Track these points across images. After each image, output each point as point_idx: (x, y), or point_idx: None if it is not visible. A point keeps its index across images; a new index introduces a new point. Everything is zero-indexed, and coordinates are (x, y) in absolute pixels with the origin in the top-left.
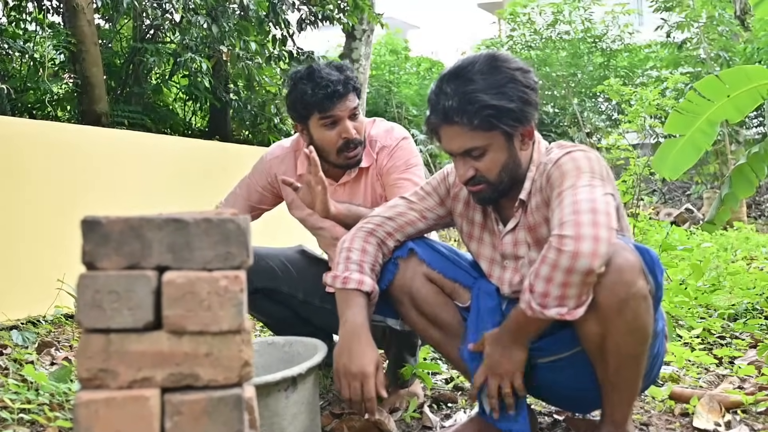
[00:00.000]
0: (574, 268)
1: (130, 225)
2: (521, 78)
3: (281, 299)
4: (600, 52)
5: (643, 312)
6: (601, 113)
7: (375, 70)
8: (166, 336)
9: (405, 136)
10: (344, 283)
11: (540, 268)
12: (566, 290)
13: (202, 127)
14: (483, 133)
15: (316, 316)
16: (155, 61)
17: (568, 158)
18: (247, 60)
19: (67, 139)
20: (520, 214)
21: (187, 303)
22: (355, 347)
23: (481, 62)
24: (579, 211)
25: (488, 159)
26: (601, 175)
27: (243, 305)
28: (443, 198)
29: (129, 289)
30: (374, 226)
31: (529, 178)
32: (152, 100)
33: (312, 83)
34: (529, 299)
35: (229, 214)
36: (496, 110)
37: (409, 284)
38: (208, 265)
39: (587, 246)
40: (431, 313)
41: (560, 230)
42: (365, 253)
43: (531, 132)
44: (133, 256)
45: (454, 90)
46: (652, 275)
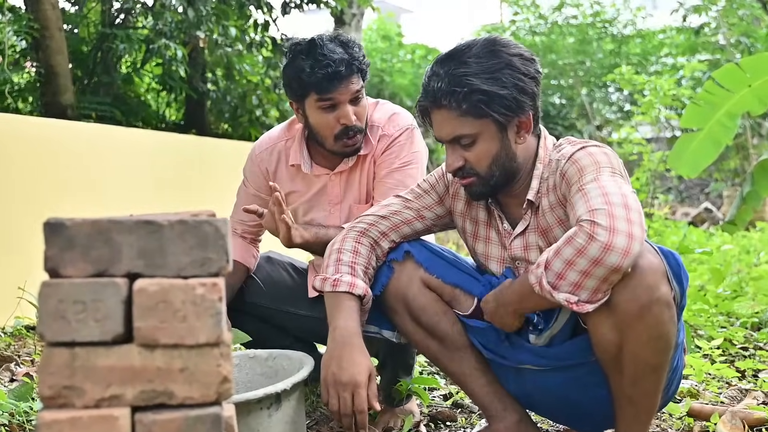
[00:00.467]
0: (603, 261)
1: (97, 228)
2: (519, 65)
3: (248, 310)
4: (610, 38)
5: (667, 319)
6: (612, 104)
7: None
8: (137, 350)
9: (409, 125)
10: (334, 285)
11: (563, 249)
12: (585, 280)
13: (177, 119)
14: (473, 119)
15: (291, 323)
16: (126, 48)
17: (583, 153)
18: (227, 47)
19: (29, 133)
20: (530, 216)
21: (160, 313)
22: (346, 355)
23: (478, 46)
24: (611, 203)
25: (478, 149)
26: (620, 172)
27: (222, 315)
28: (442, 196)
29: (96, 299)
30: (367, 226)
31: (536, 176)
32: (122, 91)
33: (311, 60)
34: (541, 275)
35: (206, 216)
36: (487, 96)
37: (405, 290)
38: (183, 272)
39: (621, 241)
40: (429, 322)
41: (592, 216)
42: (357, 255)
43: (528, 124)
44: (101, 262)
45: (446, 72)
46: (677, 281)
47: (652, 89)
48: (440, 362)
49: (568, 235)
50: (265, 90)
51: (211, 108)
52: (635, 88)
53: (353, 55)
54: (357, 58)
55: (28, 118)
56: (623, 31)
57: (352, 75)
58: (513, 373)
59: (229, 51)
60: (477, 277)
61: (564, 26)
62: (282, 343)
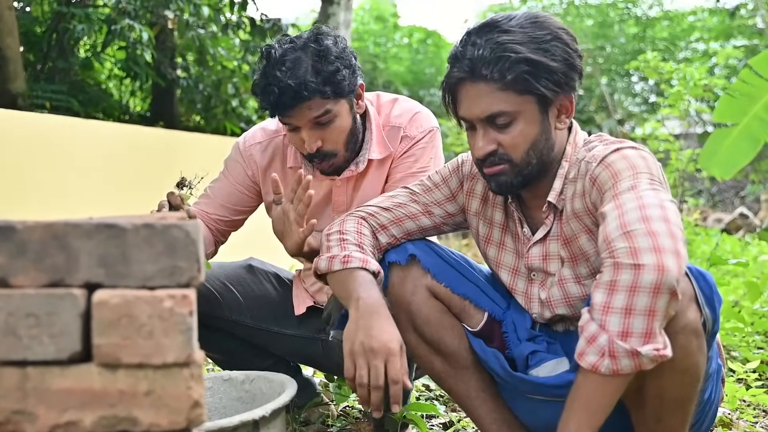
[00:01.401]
0: (662, 286)
1: (52, 232)
2: (567, 39)
3: (224, 327)
4: (634, 21)
5: (695, 349)
6: (636, 95)
7: (357, 41)
8: (97, 370)
9: (432, 127)
10: (345, 262)
11: (612, 299)
12: (652, 321)
13: (143, 110)
14: (515, 95)
15: (275, 344)
16: (84, 29)
17: (618, 156)
18: (199, 28)
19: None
20: (553, 221)
21: (123, 329)
22: (376, 323)
23: (520, 17)
24: (649, 218)
25: (516, 130)
26: (660, 179)
27: (193, 332)
28: (455, 192)
29: (51, 312)
30: (366, 215)
31: (560, 175)
32: (80, 78)
33: (263, 80)
34: (606, 344)
35: (174, 219)
36: (536, 67)
37: (409, 299)
38: (149, 282)
39: (671, 260)
40: (434, 336)
41: (628, 241)
42: (362, 236)
43: (570, 108)
44: (57, 270)
45: (487, 40)
46: (708, 305)
47: (680, 78)
48: (444, 382)
49: (604, 280)
50: (242, 77)
51: (181, 98)
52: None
53: (307, 79)
54: (318, 78)
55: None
56: (648, 12)
57: (307, 100)
58: (522, 400)
59: (202, 33)
60: (487, 290)
61: (581, 7)
62: (262, 365)
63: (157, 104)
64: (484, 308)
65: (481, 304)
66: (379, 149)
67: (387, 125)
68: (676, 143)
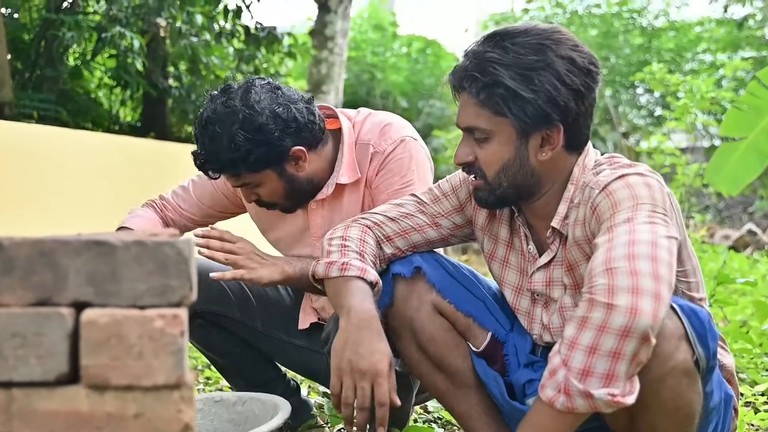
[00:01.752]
0: (631, 330)
1: (39, 249)
2: (562, 70)
3: (233, 328)
4: (639, 31)
5: (685, 389)
6: (641, 108)
7: (355, 50)
8: (85, 392)
9: (404, 136)
10: (343, 269)
11: (580, 336)
12: (616, 364)
13: (133, 121)
14: (491, 114)
15: (280, 353)
16: (74, 36)
17: (621, 184)
18: (192, 37)
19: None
20: (558, 246)
21: (111, 349)
22: (365, 339)
23: (532, 34)
24: (636, 255)
25: (490, 149)
26: (664, 208)
27: (184, 353)
28: (463, 202)
29: (38, 332)
30: (371, 224)
31: (565, 199)
32: (69, 87)
33: (194, 136)
34: (563, 381)
35: (166, 236)
36: (509, 93)
37: (413, 315)
38: (139, 302)
39: (648, 303)
40: (438, 354)
41: (608, 278)
42: (365, 244)
43: (555, 140)
44: (44, 289)
45: (478, 53)
46: (701, 344)
47: (687, 91)
48: (446, 401)
49: (577, 314)
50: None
51: (172, 108)
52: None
53: (219, 156)
54: (220, 160)
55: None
56: (654, 22)
57: (219, 175)
58: None
59: (195, 41)
60: (493, 309)
61: (585, 17)
62: (261, 377)
63: (148, 114)
64: (487, 328)
65: (485, 323)
66: (348, 173)
67: (358, 142)
68: (683, 157)
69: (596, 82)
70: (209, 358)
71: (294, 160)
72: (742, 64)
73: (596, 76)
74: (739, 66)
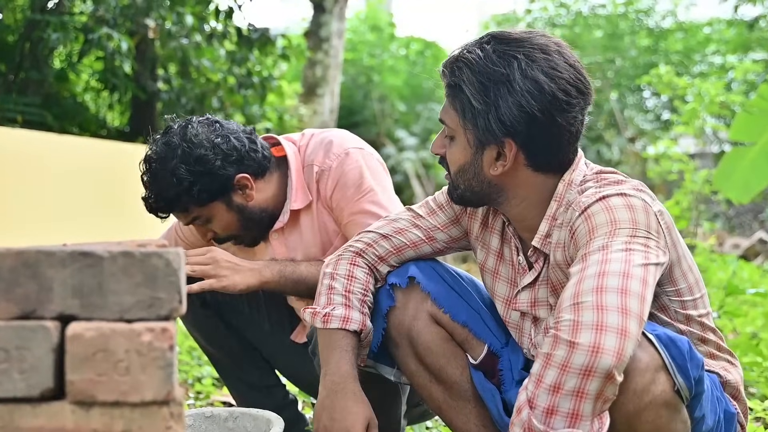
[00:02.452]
0: (593, 369)
1: (23, 260)
2: (521, 89)
3: (240, 324)
4: (646, 32)
5: (666, 422)
6: (648, 112)
7: (351, 52)
8: (71, 408)
9: (347, 149)
10: (325, 321)
11: (544, 374)
12: (580, 404)
13: (121, 125)
14: (455, 114)
15: (282, 357)
16: (60, 38)
17: (601, 206)
18: (182, 38)
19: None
20: (542, 266)
21: (98, 364)
22: (339, 404)
23: (517, 44)
24: (604, 288)
25: (453, 148)
26: (648, 231)
27: (173, 368)
28: (458, 214)
29: (22, 346)
30: (364, 246)
31: (547, 217)
32: (55, 90)
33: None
34: (527, 420)
35: (154, 246)
36: (466, 100)
37: (410, 324)
38: (126, 315)
39: (611, 341)
40: (435, 365)
41: (574, 314)
42: (352, 280)
43: (506, 158)
44: (28, 301)
45: (463, 49)
46: (682, 374)
47: (695, 94)
48: (443, 413)
49: (543, 351)
50: (227, 90)
51: (162, 111)
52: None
53: (163, 194)
54: (165, 198)
55: None
56: (661, 23)
57: (168, 213)
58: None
59: (185, 43)
60: (488, 321)
61: (590, 17)
62: (263, 381)
63: (136, 118)
64: (483, 340)
65: (481, 335)
66: (299, 197)
67: (305, 165)
68: (691, 163)
69: (565, 111)
70: (210, 353)
71: (240, 188)
72: (752, 67)
73: (566, 104)
74: (750, 68)
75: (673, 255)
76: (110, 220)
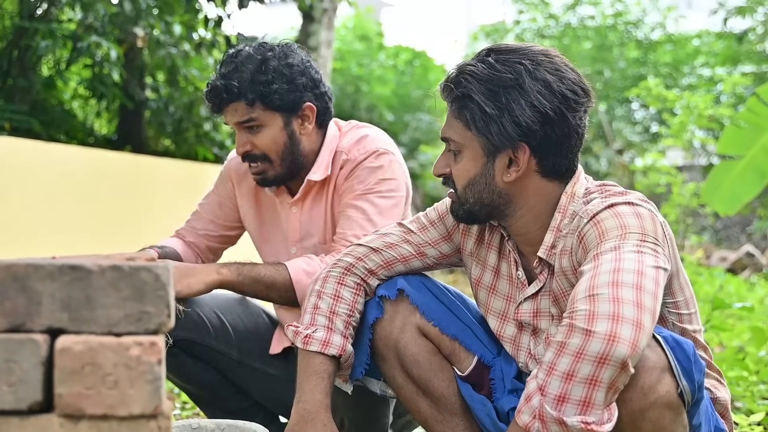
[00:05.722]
0: (609, 357)
1: (12, 273)
2: (533, 90)
3: (208, 357)
4: (635, 44)
5: (668, 423)
6: (636, 124)
7: (340, 61)
8: (59, 421)
9: (378, 150)
10: (305, 343)
11: (557, 362)
12: (593, 392)
13: (109, 133)
14: (461, 127)
15: (255, 384)
16: (48, 45)
17: (609, 213)
18: (170, 47)
19: None
20: (546, 276)
21: (86, 378)
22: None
23: (520, 52)
24: (620, 283)
25: (461, 163)
26: (656, 238)
27: (161, 381)
28: (450, 230)
29: (10, 359)
30: (353, 261)
31: (552, 228)
32: (43, 97)
33: (212, 75)
34: (538, 407)
35: (143, 260)
36: (477, 108)
37: (397, 336)
38: (115, 328)
39: (627, 331)
40: (422, 378)
41: (590, 305)
42: (338, 300)
43: (519, 162)
44: (17, 314)
45: (464, 64)
46: (686, 377)
47: (684, 107)
48: (430, 426)
49: (556, 339)
50: None
51: (150, 120)
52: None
53: (235, 82)
54: (237, 85)
55: None
56: (650, 35)
57: (228, 103)
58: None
59: (174, 52)
60: (479, 333)
61: (579, 28)
62: (241, 405)
63: (124, 127)
64: (474, 352)
65: (472, 347)
66: (319, 171)
67: (337, 150)
68: (679, 176)
69: (574, 110)
70: (183, 388)
71: (302, 117)
72: (741, 80)
73: (575, 103)
74: (739, 81)
75: (673, 267)
76: (97, 227)
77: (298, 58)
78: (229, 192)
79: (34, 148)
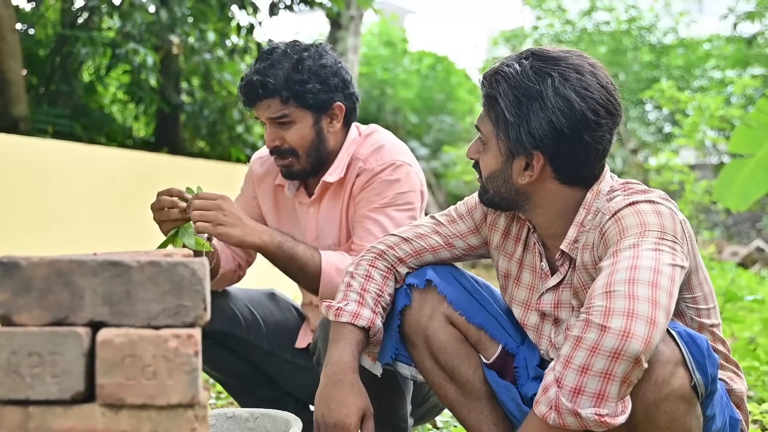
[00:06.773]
0: (623, 352)
1: (56, 269)
2: (553, 107)
3: (240, 348)
4: (648, 48)
5: (682, 415)
6: (650, 124)
7: (365, 66)
8: (100, 410)
9: (396, 162)
10: (336, 315)
11: (573, 355)
12: (607, 385)
13: (147, 136)
14: (489, 123)
15: (285, 374)
16: (88, 52)
17: (631, 210)
18: (205, 53)
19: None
20: (567, 269)
21: (127, 369)
22: (337, 393)
23: (554, 61)
24: (636, 280)
25: (486, 155)
26: (674, 236)
27: (197, 372)
28: (478, 224)
29: (54, 351)
30: (385, 248)
31: (575, 223)
32: (84, 102)
33: (247, 70)
34: (554, 398)
35: (180, 256)
36: (500, 112)
37: (426, 324)
38: (153, 322)
39: (641, 328)
40: (449, 364)
41: (606, 301)
42: (369, 280)
43: (534, 168)
44: (61, 308)
45: (504, 63)
46: (700, 370)
47: (696, 108)
48: (456, 411)
49: (572, 334)
50: None
51: (185, 123)
52: (677, 106)
53: (271, 79)
54: (272, 82)
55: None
56: (663, 39)
57: (263, 98)
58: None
59: (208, 58)
60: (504, 323)
61: (594, 33)
62: (271, 394)
63: (161, 129)
64: (499, 340)
65: (497, 336)
66: (335, 173)
67: (354, 156)
68: (691, 174)
69: (593, 130)
70: (216, 378)
71: (331, 116)
72: (751, 82)
73: (594, 124)
74: (749, 83)
75: (693, 263)
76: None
77: (331, 59)
78: (252, 192)
79: (76, 151)
